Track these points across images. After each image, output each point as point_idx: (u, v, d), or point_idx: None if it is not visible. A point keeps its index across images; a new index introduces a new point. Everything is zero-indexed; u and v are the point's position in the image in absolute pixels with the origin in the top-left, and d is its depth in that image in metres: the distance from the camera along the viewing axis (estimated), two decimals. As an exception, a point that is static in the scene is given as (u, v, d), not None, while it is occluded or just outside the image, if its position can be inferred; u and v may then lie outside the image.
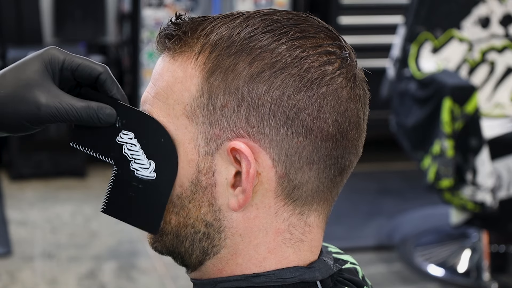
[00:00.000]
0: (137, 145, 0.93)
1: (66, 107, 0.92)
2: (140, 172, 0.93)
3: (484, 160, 3.10)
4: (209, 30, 0.91)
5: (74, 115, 0.92)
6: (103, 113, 0.92)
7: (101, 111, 0.92)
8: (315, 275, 0.93)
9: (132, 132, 0.93)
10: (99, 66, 0.94)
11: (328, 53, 0.90)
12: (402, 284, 3.41)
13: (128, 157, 0.93)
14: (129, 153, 0.93)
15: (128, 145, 0.93)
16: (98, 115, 0.92)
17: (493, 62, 3.58)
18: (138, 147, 0.93)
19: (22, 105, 0.92)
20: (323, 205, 0.93)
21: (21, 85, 0.92)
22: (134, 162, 0.93)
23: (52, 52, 0.94)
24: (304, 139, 0.89)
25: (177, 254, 0.95)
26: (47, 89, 0.92)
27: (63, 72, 0.94)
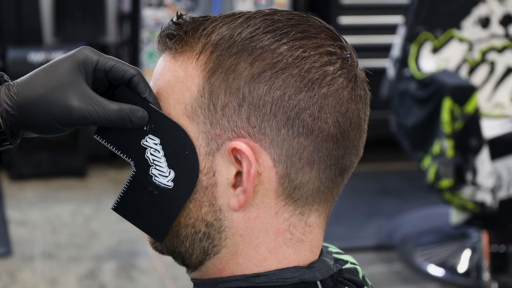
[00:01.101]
0: (161, 152, 0.92)
1: (98, 110, 0.90)
2: (158, 178, 0.92)
3: (484, 160, 3.10)
4: (210, 30, 0.91)
5: (106, 119, 0.91)
6: (136, 116, 0.91)
7: (133, 114, 0.91)
8: (316, 275, 0.93)
9: (159, 138, 0.92)
10: (132, 69, 0.93)
11: (329, 53, 0.90)
12: (402, 284, 3.41)
13: (149, 162, 0.92)
14: (151, 157, 0.92)
15: (152, 150, 0.92)
16: (130, 118, 0.91)
17: (493, 62, 3.58)
18: (161, 153, 0.92)
19: (54, 107, 0.91)
20: (324, 205, 0.93)
21: (54, 86, 0.91)
22: (154, 168, 0.92)
23: (86, 53, 0.93)
24: (305, 139, 0.89)
25: (178, 254, 0.95)
26: (80, 91, 0.91)
27: (96, 73, 0.93)
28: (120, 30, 4.70)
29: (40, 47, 4.43)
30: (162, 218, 0.93)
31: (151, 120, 0.92)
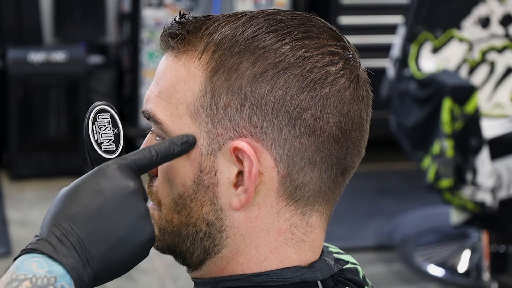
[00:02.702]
0: None
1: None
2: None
3: (484, 160, 3.10)
4: (212, 29, 0.91)
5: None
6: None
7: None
8: (316, 275, 0.93)
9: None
10: (153, 155, 0.90)
11: (332, 53, 0.90)
12: (402, 284, 3.41)
13: None
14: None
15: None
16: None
17: (493, 62, 3.58)
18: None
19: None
20: (325, 205, 0.94)
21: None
22: None
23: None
24: (307, 139, 0.89)
25: (178, 253, 0.95)
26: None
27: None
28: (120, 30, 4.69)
29: (40, 47, 4.43)
30: None
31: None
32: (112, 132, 0.93)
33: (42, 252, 0.82)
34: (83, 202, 0.85)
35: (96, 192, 0.86)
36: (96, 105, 0.93)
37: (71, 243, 0.83)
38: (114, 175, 0.87)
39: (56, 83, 4.34)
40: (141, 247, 0.87)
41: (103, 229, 0.85)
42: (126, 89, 4.62)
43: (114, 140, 0.93)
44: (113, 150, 0.92)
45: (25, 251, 0.83)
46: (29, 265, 0.82)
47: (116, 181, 0.86)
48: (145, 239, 0.87)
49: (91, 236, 0.84)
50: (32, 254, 0.83)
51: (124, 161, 0.88)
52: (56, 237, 0.83)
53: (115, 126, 0.93)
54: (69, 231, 0.84)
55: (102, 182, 0.86)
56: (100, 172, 0.87)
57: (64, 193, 0.87)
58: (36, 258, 0.82)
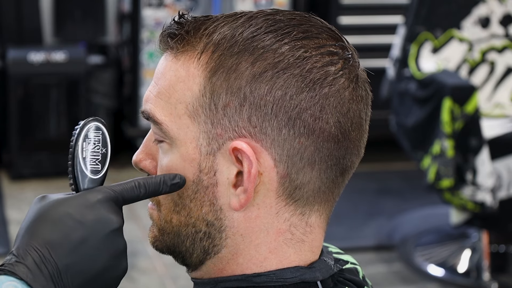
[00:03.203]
0: None
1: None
2: None
3: (484, 160, 3.10)
4: (212, 29, 0.91)
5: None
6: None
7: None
8: (316, 275, 0.93)
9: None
10: (136, 189, 0.90)
11: (331, 53, 0.90)
12: (402, 284, 3.41)
13: None
14: None
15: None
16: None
17: (493, 62, 3.57)
18: None
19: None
20: (325, 205, 0.93)
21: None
22: None
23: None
24: (306, 139, 0.89)
25: (178, 253, 0.95)
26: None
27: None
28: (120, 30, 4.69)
29: (40, 47, 4.43)
30: None
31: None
32: (100, 152, 0.92)
33: (21, 278, 0.83)
34: (65, 231, 0.85)
35: (79, 223, 0.86)
36: (90, 120, 0.91)
37: (49, 272, 0.84)
38: (99, 208, 0.87)
39: (56, 83, 4.34)
40: (114, 281, 0.88)
41: (81, 264, 0.85)
42: (126, 89, 4.62)
43: (101, 160, 0.91)
44: (98, 170, 0.91)
45: (3, 271, 0.83)
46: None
47: (100, 215, 0.86)
48: (119, 275, 0.88)
49: (69, 268, 0.85)
50: (10, 278, 0.83)
51: (112, 194, 0.88)
52: (35, 262, 0.84)
53: (104, 146, 0.92)
54: (48, 259, 0.84)
55: (86, 213, 0.86)
56: (86, 201, 0.87)
57: (44, 213, 0.87)
58: (15, 283, 0.82)
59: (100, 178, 0.91)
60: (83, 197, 0.88)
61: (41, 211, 0.87)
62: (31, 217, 0.87)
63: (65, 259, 0.85)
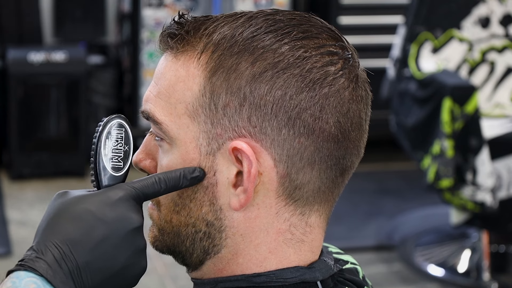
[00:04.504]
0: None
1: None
2: None
3: (484, 160, 3.09)
4: (211, 29, 0.91)
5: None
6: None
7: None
8: (316, 275, 0.93)
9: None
10: (156, 184, 0.90)
11: (331, 53, 0.90)
12: (402, 284, 3.41)
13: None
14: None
15: None
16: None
17: (493, 62, 3.57)
18: None
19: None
20: (324, 205, 0.93)
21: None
22: None
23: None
24: (306, 139, 0.89)
25: (178, 253, 0.95)
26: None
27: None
28: (120, 30, 4.69)
29: (40, 47, 4.42)
30: None
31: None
32: (122, 149, 0.92)
33: (40, 274, 0.82)
34: (85, 229, 0.85)
35: (100, 221, 0.86)
36: (113, 117, 0.92)
37: (69, 269, 0.84)
38: (121, 206, 0.87)
39: (56, 83, 4.34)
40: (133, 280, 0.88)
41: (101, 261, 0.85)
42: (126, 89, 4.62)
43: (123, 157, 0.92)
44: (120, 167, 0.91)
45: (24, 267, 0.83)
46: (27, 286, 0.82)
47: (121, 213, 0.87)
48: (138, 273, 0.88)
49: (89, 266, 0.85)
50: (30, 273, 0.83)
51: (133, 191, 0.88)
52: (55, 258, 0.84)
53: (127, 143, 0.92)
54: (68, 256, 0.84)
55: (107, 211, 0.86)
56: (107, 199, 0.87)
57: (64, 209, 0.87)
58: (34, 279, 0.82)
59: (122, 175, 0.91)
60: (105, 194, 0.88)
61: (62, 207, 0.87)
62: (51, 213, 0.87)
63: (85, 256, 0.85)
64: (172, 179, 0.90)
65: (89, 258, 0.85)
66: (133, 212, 0.87)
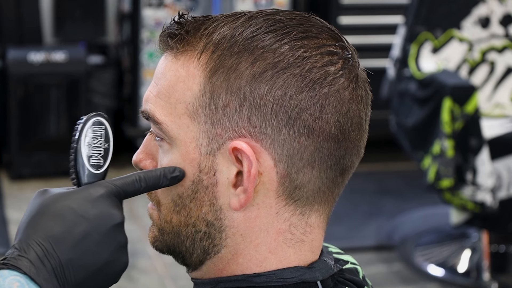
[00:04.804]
0: None
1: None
2: None
3: (484, 160, 3.10)
4: (211, 29, 0.91)
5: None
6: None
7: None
8: (316, 275, 0.93)
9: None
10: (136, 182, 0.91)
11: (331, 53, 0.90)
12: (402, 284, 3.41)
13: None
14: None
15: None
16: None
17: (493, 62, 3.58)
18: None
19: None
20: (324, 205, 0.93)
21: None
22: None
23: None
24: (306, 139, 0.89)
25: (178, 253, 0.95)
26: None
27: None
28: (120, 30, 4.69)
29: (40, 47, 4.42)
30: None
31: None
32: (102, 146, 0.92)
33: (24, 272, 0.83)
34: (67, 226, 0.85)
35: (81, 218, 0.86)
36: (93, 115, 0.91)
37: (52, 266, 0.84)
38: (102, 202, 0.87)
39: (56, 83, 4.34)
40: (115, 276, 0.89)
41: (83, 258, 0.86)
42: (126, 89, 4.61)
43: (104, 155, 0.92)
44: (100, 165, 0.91)
45: (7, 265, 0.83)
46: (11, 285, 0.82)
47: (102, 210, 0.87)
48: (120, 269, 0.89)
49: (72, 263, 0.85)
50: (13, 272, 0.83)
51: (114, 188, 0.89)
52: (37, 256, 0.84)
53: (107, 141, 0.92)
54: (51, 253, 0.84)
55: (89, 207, 0.87)
56: (88, 196, 0.87)
57: (46, 207, 0.87)
58: (18, 277, 0.82)
59: (102, 173, 0.91)
60: (86, 191, 0.88)
61: (43, 205, 0.87)
62: (33, 211, 0.87)
63: (68, 253, 0.85)
64: (152, 178, 0.90)
65: (71, 255, 0.85)
66: (114, 208, 0.88)
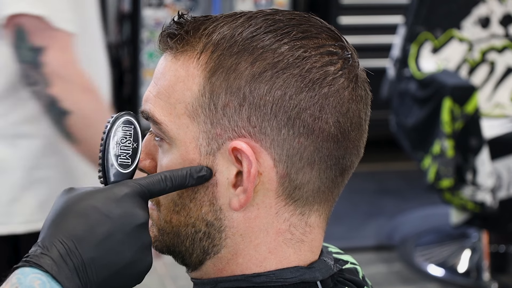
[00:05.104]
0: None
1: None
2: None
3: (484, 160, 3.10)
4: (211, 29, 0.91)
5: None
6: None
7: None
8: (316, 275, 0.93)
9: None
10: (162, 182, 0.90)
11: (330, 53, 0.90)
12: (402, 284, 3.41)
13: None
14: None
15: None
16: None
17: (493, 62, 3.58)
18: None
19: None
20: (324, 205, 0.93)
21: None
22: None
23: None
24: (306, 139, 0.89)
25: (178, 253, 0.95)
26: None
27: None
28: (120, 30, 4.69)
29: (40, 47, 4.42)
30: None
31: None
32: (131, 146, 0.91)
33: (46, 270, 0.82)
34: (91, 225, 0.85)
35: (105, 217, 0.86)
36: (123, 114, 0.92)
37: (74, 265, 0.84)
38: (126, 202, 0.87)
39: (56, 83, 4.34)
40: (138, 276, 0.88)
41: (106, 257, 0.85)
42: (126, 89, 4.62)
43: (131, 154, 0.92)
44: (128, 164, 0.91)
45: (29, 263, 0.83)
46: (32, 283, 0.82)
47: (127, 209, 0.86)
48: (144, 270, 0.88)
49: (94, 262, 0.85)
50: (35, 270, 0.83)
51: (139, 188, 0.88)
52: (60, 255, 0.83)
53: (136, 141, 0.92)
54: (73, 252, 0.84)
55: (113, 207, 0.86)
56: (113, 195, 0.87)
57: (70, 206, 0.87)
58: (39, 275, 0.82)
59: (129, 172, 0.91)
60: (110, 190, 0.87)
61: (68, 204, 0.87)
62: (57, 209, 0.87)
63: (91, 252, 0.84)
64: (179, 177, 0.89)
65: (94, 254, 0.85)
66: (138, 208, 0.87)
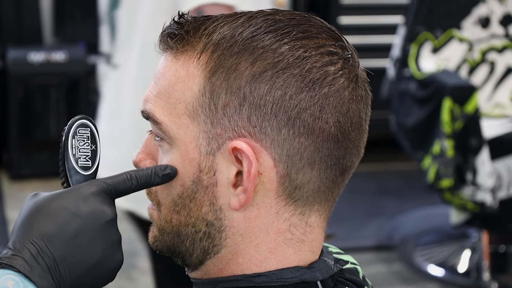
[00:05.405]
0: None
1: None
2: None
3: (484, 160, 3.10)
4: (211, 29, 0.91)
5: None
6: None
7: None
8: (316, 275, 0.93)
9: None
10: (128, 181, 0.91)
11: (331, 53, 0.90)
12: (402, 284, 3.41)
13: None
14: None
15: None
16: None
17: (493, 62, 3.58)
18: None
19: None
20: (324, 205, 0.93)
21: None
22: None
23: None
24: (306, 139, 0.89)
25: (178, 253, 0.95)
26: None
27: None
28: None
29: (40, 47, 4.43)
30: None
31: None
32: (89, 148, 0.93)
33: (18, 270, 0.83)
34: (59, 223, 0.86)
35: (74, 215, 0.87)
36: (77, 118, 0.93)
37: (46, 264, 0.85)
38: (94, 200, 0.88)
39: (56, 83, 4.35)
40: (111, 273, 0.89)
41: (78, 255, 0.86)
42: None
43: (91, 156, 0.93)
44: (88, 166, 0.92)
45: (1, 265, 0.84)
46: (5, 283, 0.83)
47: (95, 207, 0.87)
48: (115, 266, 0.89)
49: (66, 260, 0.86)
50: (8, 271, 0.83)
51: (105, 186, 0.89)
52: (31, 255, 0.84)
53: (94, 143, 0.93)
54: (45, 251, 0.85)
55: (80, 205, 0.87)
56: (79, 194, 0.88)
57: (39, 207, 0.88)
58: (12, 276, 0.83)
59: (91, 174, 0.92)
60: (77, 190, 0.89)
61: (36, 206, 0.88)
62: (26, 212, 0.88)
63: (62, 250, 0.85)
64: (144, 176, 0.91)
65: (65, 252, 0.85)
66: (105, 205, 0.88)
